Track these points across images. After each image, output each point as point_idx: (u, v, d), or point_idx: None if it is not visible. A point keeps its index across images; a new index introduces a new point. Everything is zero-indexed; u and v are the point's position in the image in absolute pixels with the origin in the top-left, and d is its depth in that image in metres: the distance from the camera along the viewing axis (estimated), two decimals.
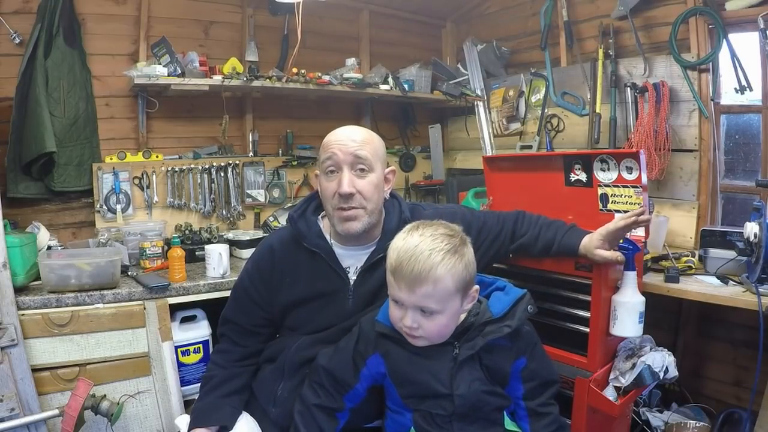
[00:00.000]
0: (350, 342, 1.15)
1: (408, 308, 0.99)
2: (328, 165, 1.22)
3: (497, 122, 3.04)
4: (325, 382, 1.13)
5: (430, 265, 0.95)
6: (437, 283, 0.96)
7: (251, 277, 1.32)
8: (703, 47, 2.15)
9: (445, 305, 0.99)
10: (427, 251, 0.96)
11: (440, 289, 0.96)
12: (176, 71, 2.30)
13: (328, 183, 1.22)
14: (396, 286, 1.00)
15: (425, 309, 0.98)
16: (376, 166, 1.23)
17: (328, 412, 1.13)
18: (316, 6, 2.64)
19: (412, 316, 0.99)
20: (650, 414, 2.02)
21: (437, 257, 0.96)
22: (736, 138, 2.25)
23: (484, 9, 3.24)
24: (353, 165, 1.21)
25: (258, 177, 2.76)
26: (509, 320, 1.04)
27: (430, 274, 0.95)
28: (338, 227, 1.23)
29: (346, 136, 1.23)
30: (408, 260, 0.96)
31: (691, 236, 2.21)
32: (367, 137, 1.25)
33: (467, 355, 1.05)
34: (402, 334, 1.05)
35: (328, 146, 1.23)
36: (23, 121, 2.13)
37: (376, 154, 1.24)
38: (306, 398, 1.14)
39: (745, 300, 1.50)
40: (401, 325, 1.03)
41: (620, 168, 1.52)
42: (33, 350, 1.67)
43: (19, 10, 2.19)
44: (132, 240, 2.20)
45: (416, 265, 0.95)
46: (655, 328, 1.65)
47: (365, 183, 1.21)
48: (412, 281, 0.96)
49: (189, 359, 1.96)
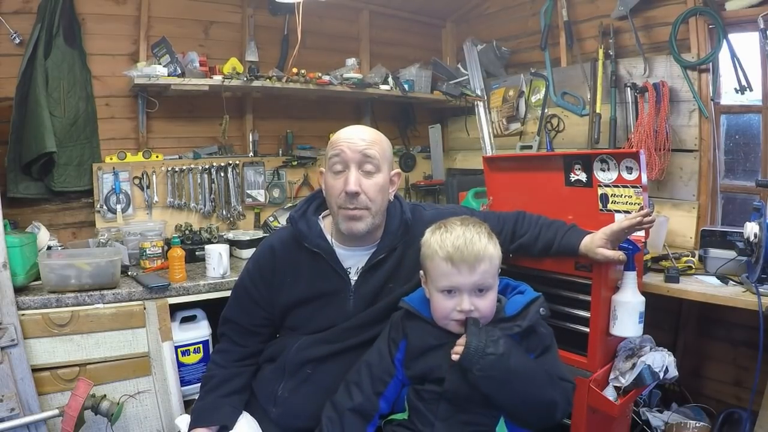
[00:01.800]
0: (384, 331, 1.20)
1: (464, 292, 1.06)
2: (336, 162, 1.21)
3: (497, 122, 3.04)
4: (363, 379, 1.15)
5: (484, 245, 1.07)
6: (492, 260, 1.08)
7: (252, 276, 1.32)
8: (703, 47, 2.16)
9: (495, 279, 1.10)
10: (476, 234, 1.08)
11: (494, 265, 1.09)
12: (176, 71, 2.30)
13: (334, 181, 1.22)
14: (455, 271, 1.06)
15: (483, 286, 1.07)
16: (383, 167, 1.23)
17: (360, 418, 1.13)
18: (316, 6, 2.64)
19: (469, 298, 1.06)
20: (650, 414, 2.02)
21: (485, 238, 1.09)
22: (736, 138, 2.25)
23: (484, 9, 3.24)
24: (361, 164, 1.20)
25: (258, 177, 2.76)
26: (520, 320, 1.09)
27: (486, 252, 1.07)
28: (342, 226, 1.23)
29: (356, 134, 1.23)
30: (465, 245, 1.06)
31: (691, 236, 2.21)
32: (376, 137, 1.25)
33: None
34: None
35: (336, 143, 1.23)
36: (23, 121, 2.13)
37: (384, 155, 1.24)
38: (340, 403, 1.14)
39: (745, 300, 1.50)
40: (453, 316, 1.07)
41: (620, 168, 1.52)
42: (33, 350, 1.67)
43: (19, 10, 2.19)
44: (132, 240, 2.21)
45: (474, 246, 1.06)
46: (655, 328, 1.65)
47: (371, 184, 1.21)
48: (474, 261, 1.05)
49: (189, 359, 1.96)
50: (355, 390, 1.14)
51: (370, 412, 1.13)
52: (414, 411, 1.11)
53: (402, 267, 1.27)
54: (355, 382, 1.15)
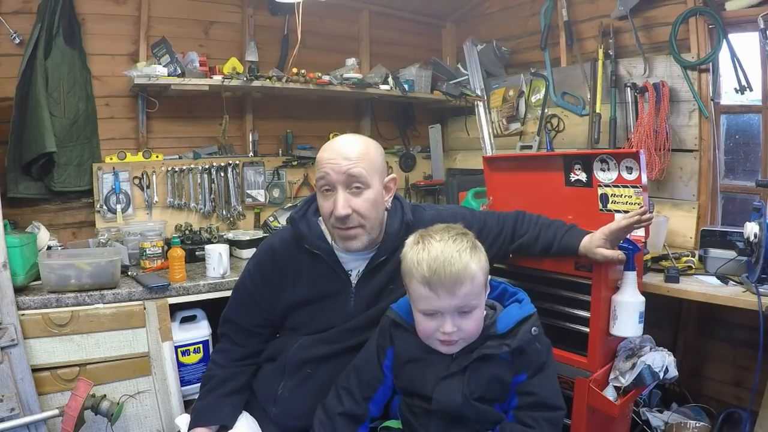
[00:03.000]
0: (374, 336, 1.17)
1: (446, 315, 0.99)
2: (323, 185, 1.19)
3: (497, 122, 3.04)
4: (352, 384, 1.13)
5: (464, 264, 0.98)
6: (474, 279, 0.99)
7: (252, 277, 1.32)
8: (703, 47, 2.15)
9: (479, 299, 1.02)
10: (455, 253, 0.98)
11: (477, 284, 1.00)
12: (176, 71, 2.29)
13: (324, 201, 1.21)
14: (433, 295, 0.98)
15: (465, 308, 0.99)
16: (373, 181, 1.19)
17: (351, 422, 1.13)
18: (316, 6, 2.64)
19: (452, 320, 0.99)
20: (650, 414, 2.02)
21: (466, 255, 0.99)
22: (736, 138, 2.25)
23: (484, 9, 3.24)
24: (348, 184, 1.17)
25: (258, 177, 2.76)
26: (510, 339, 1.03)
27: (467, 273, 0.98)
28: (339, 244, 1.24)
29: (338, 153, 1.18)
30: (443, 266, 0.97)
31: (691, 236, 2.21)
32: (361, 151, 1.19)
33: (461, 366, 1.04)
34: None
35: (320, 165, 1.20)
36: (23, 121, 2.13)
37: (373, 167, 1.20)
38: (330, 407, 1.14)
39: (745, 300, 1.50)
40: (437, 336, 1.02)
41: (620, 168, 1.52)
42: (33, 350, 1.67)
43: (19, 10, 2.19)
44: (132, 240, 2.21)
45: (452, 268, 0.97)
46: (655, 328, 1.65)
47: (361, 201, 1.18)
48: (452, 285, 0.97)
49: (189, 359, 1.96)
50: (345, 394, 1.14)
51: (361, 416, 1.13)
52: (406, 424, 1.11)
53: None
54: (344, 387, 1.15)
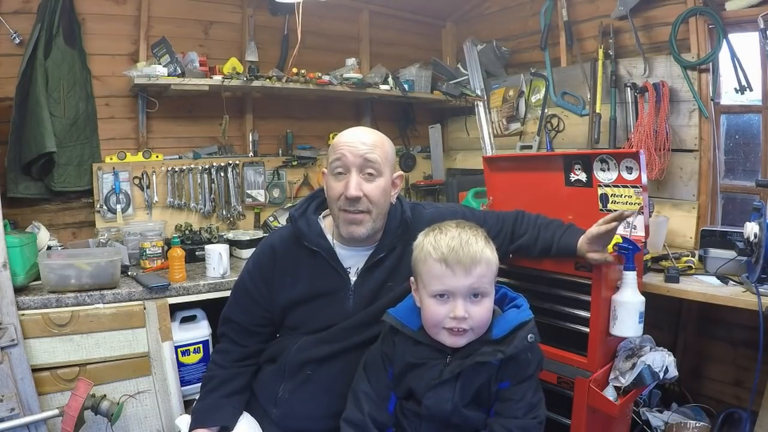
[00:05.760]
0: (379, 340, 1.17)
1: (458, 297, 1.01)
2: (337, 166, 1.21)
3: (497, 122, 3.04)
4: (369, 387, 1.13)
5: (481, 248, 1.02)
6: (489, 263, 1.03)
7: (252, 275, 1.32)
8: (703, 47, 2.15)
9: (492, 287, 1.04)
10: (473, 237, 1.03)
11: (491, 269, 1.03)
12: (176, 71, 2.29)
13: (335, 184, 1.22)
14: (449, 273, 1.01)
15: (478, 291, 1.01)
16: (385, 171, 1.23)
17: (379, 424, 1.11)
18: (316, 6, 2.64)
19: (463, 304, 1.01)
20: (650, 414, 2.02)
21: (482, 241, 1.04)
22: (736, 138, 2.25)
23: (484, 9, 3.24)
24: (362, 168, 1.20)
25: (258, 177, 2.76)
26: (505, 346, 1.02)
27: (483, 255, 1.02)
28: (342, 230, 1.23)
29: (357, 138, 1.22)
30: (461, 245, 1.01)
31: (691, 236, 2.21)
32: (378, 140, 1.24)
33: (453, 373, 1.03)
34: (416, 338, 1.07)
35: (337, 147, 1.22)
36: (23, 121, 2.13)
37: (386, 158, 1.24)
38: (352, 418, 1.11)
39: (745, 300, 1.50)
40: (446, 323, 1.02)
41: (620, 168, 1.52)
42: (33, 350, 1.67)
43: (19, 10, 2.19)
44: (132, 240, 2.21)
45: (470, 248, 1.01)
46: (655, 328, 1.65)
47: (373, 187, 1.20)
48: (470, 263, 1.00)
49: (189, 359, 1.96)
50: (364, 397, 1.12)
51: (385, 422, 1.12)
52: (399, 426, 1.11)
53: (402, 265, 1.27)
54: (363, 391, 1.13)
